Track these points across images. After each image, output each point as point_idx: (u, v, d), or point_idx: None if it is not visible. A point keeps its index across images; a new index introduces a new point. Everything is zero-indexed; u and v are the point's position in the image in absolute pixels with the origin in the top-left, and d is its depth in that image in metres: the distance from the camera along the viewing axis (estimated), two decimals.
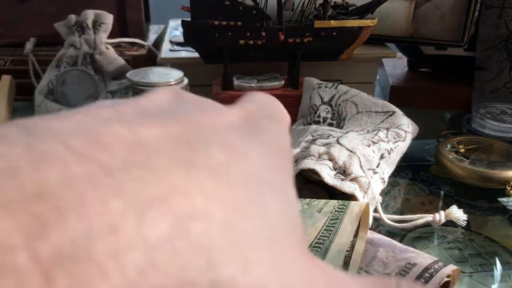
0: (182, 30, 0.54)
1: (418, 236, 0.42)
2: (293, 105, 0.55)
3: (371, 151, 0.43)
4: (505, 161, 0.50)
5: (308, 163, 0.41)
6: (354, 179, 0.40)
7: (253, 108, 0.16)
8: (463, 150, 0.52)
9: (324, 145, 0.44)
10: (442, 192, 0.49)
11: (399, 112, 0.49)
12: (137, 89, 0.49)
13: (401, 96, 0.67)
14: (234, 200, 0.11)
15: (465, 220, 0.40)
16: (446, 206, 0.41)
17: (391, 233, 0.42)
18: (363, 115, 0.50)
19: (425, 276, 0.29)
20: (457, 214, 0.40)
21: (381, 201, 0.43)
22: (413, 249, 0.32)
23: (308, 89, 0.54)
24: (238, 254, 0.11)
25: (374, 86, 0.65)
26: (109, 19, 0.60)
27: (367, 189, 0.40)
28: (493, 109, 0.58)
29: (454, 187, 0.49)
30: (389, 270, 0.30)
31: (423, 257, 0.31)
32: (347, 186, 0.39)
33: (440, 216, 0.40)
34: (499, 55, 0.65)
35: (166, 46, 0.63)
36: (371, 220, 0.36)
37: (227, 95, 0.55)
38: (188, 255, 0.10)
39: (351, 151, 0.42)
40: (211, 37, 0.53)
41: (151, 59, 0.67)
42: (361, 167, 0.41)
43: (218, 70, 0.57)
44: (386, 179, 0.44)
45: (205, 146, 0.12)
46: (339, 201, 0.31)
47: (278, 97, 0.18)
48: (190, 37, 0.54)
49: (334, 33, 0.54)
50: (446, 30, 0.63)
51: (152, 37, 0.75)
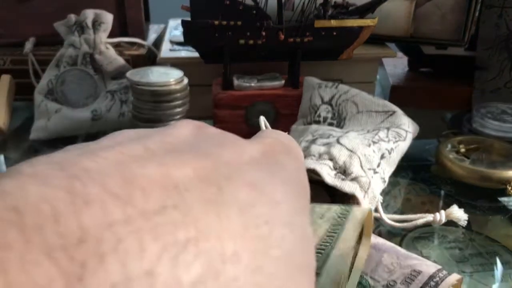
0: (182, 30, 0.54)
1: (418, 236, 0.42)
2: (293, 104, 0.54)
3: (371, 151, 0.43)
4: (505, 161, 0.50)
5: (308, 163, 0.41)
6: (354, 179, 0.40)
7: (272, 143, 0.16)
8: (463, 150, 0.52)
9: (324, 145, 0.43)
10: (442, 192, 0.49)
11: (399, 111, 0.49)
12: (136, 89, 0.49)
13: (401, 96, 0.67)
14: (260, 241, 0.12)
15: (466, 220, 0.40)
16: (446, 206, 0.41)
17: (391, 233, 0.42)
18: (363, 114, 0.50)
19: (430, 284, 0.29)
20: (458, 214, 0.40)
21: (381, 201, 0.42)
22: (415, 255, 0.32)
23: (308, 89, 0.54)
24: None
25: (374, 86, 0.65)
26: (108, 18, 0.59)
27: (368, 189, 0.40)
28: (493, 108, 0.58)
29: (455, 187, 0.49)
30: (395, 276, 0.30)
31: (426, 265, 0.31)
32: (347, 186, 0.39)
33: (441, 216, 0.40)
34: (499, 55, 0.65)
35: (166, 46, 0.63)
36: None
37: (227, 95, 0.55)
38: None
39: (351, 151, 0.42)
40: (211, 37, 0.53)
41: (150, 58, 0.67)
42: (361, 167, 0.41)
43: (218, 70, 0.57)
44: (387, 179, 0.44)
45: (230, 184, 0.12)
46: (341, 206, 0.31)
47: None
48: (190, 37, 0.54)
49: (334, 33, 0.54)
50: (447, 29, 0.62)
51: (152, 36, 0.75)
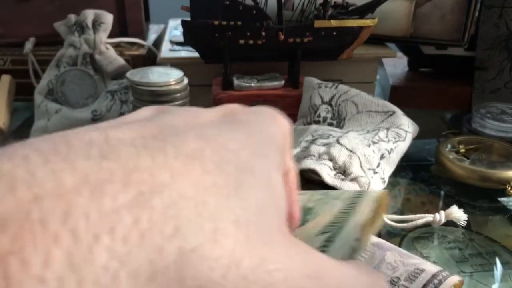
0: (182, 30, 0.54)
1: (418, 236, 0.42)
2: (293, 104, 0.54)
3: (371, 151, 0.43)
4: (505, 161, 0.50)
5: (308, 163, 0.41)
6: (354, 179, 0.40)
7: (236, 107, 0.17)
8: (463, 150, 0.52)
9: (324, 145, 0.44)
10: (442, 192, 0.49)
11: (399, 112, 0.49)
12: (136, 89, 0.49)
13: (401, 96, 0.67)
14: (207, 179, 0.12)
15: (465, 220, 0.40)
16: (446, 206, 0.41)
17: (391, 233, 0.42)
18: (363, 115, 0.50)
19: (434, 282, 0.29)
20: (458, 214, 0.40)
21: None
22: (416, 256, 0.32)
23: (308, 89, 0.54)
24: (207, 225, 0.11)
25: (374, 86, 0.65)
26: (108, 18, 0.59)
27: (367, 189, 0.40)
28: (493, 109, 0.58)
29: (455, 187, 0.49)
30: (398, 273, 0.30)
31: (429, 264, 0.31)
32: (347, 186, 0.39)
33: (441, 216, 0.40)
34: (499, 55, 0.65)
35: (166, 46, 0.63)
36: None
37: (227, 95, 0.55)
38: (152, 223, 0.10)
39: (351, 151, 0.42)
40: (211, 37, 0.53)
41: (150, 59, 0.67)
42: (361, 167, 0.41)
43: (218, 70, 0.57)
44: (387, 179, 0.44)
45: (177, 137, 0.12)
46: (357, 190, 0.31)
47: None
48: (190, 37, 0.54)
49: (334, 33, 0.54)
50: (447, 30, 0.62)
51: (152, 37, 0.75)
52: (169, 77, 0.49)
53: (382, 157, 0.44)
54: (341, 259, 0.19)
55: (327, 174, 0.40)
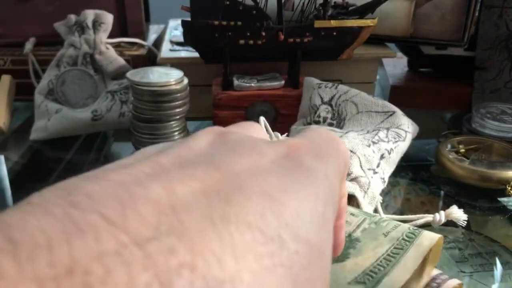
0: (182, 30, 0.54)
1: None
2: (293, 105, 0.54)
3: (371, 151, 0.43)
4: (505, 161, 0.50)
5: None
6: (354, 179, 0.40)
7: (297, 144, 0.16)
8: (463, 150, 0.52)
9: None
10: (442, 192, 0.49)
11: (399, 112, 0.49)
12: (137, 89, 0.49)
13: (401, 96, 0.67)
14: (266, 258, 0.12)
15: (465, 220, 0.40)
16: (446, 206, 0.41)
17: None
18: (363, 115, 0.50)
19: (432, 285, 0.29)
20: (457, 214, 0.40)
21: (381, 201, 0.42)
22: None
23: (308, 89, 0.54)
24: None
25: (374, 86, 0.65)
26: (109, 19, 0.59)
27: (367, 189, 0.40)
28: (493, 109, 0.58)
29: (454, 187, 0.49)
30: None
31: None
32: (347, 186, 0.39)
33: (440, 216, 0.40)
34: (499, 55, 0.65)
35: (166, 46, 0.63)
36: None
37: (227, 95, 0.55)
38: None
39: (351, 151, 0.42)
40: (211, 37, 0.53)
41: (151, 59, 0.67)
42: (361, 167, 0.41)
43: (218, 70, 0.57)
44: (386, 179, 0.44)
45: (240, 195, 0.12)
46: (411, 227, 0.30)
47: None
48: (190, 37, 0.54)
49: (334, 33, 0.54)
50: (446, 30, 0.62)
51: (152, 37, 0.75)
52: (169, 77, 0.49)
53: (382, 157, 0.44)
54: None
55: None
